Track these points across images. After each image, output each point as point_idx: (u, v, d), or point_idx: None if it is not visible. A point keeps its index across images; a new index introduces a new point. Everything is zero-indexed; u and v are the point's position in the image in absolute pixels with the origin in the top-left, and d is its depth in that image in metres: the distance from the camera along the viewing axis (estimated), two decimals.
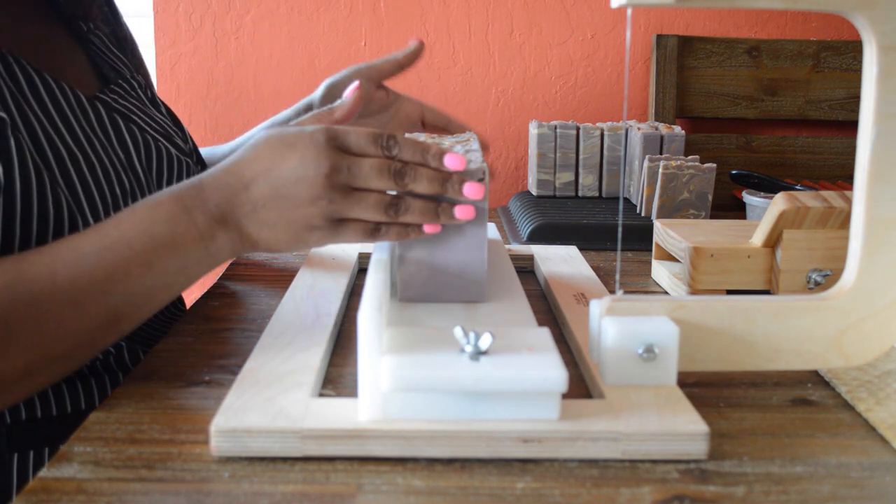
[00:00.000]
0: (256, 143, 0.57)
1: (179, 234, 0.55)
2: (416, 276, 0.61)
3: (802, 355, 0.52)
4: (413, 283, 0.61)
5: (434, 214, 0.57)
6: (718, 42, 1.41)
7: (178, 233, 0.55)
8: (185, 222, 0.56)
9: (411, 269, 0.61)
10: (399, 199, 0.57)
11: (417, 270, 0.61)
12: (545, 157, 1.20)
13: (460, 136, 0.74)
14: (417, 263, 0.61)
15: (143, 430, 0.48)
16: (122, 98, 0.74)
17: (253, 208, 0.56)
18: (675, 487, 0.43)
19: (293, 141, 0.56)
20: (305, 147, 0.55)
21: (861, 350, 0.52)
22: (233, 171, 0.57)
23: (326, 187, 0.55)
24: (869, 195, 0.49)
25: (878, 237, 0.50)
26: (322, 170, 0.54)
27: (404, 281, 0.61)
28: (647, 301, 0.52)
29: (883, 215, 0.50)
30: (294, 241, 0.57)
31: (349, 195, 0.56)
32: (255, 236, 0.57)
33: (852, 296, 0.51)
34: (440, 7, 1.43)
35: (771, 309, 0.52)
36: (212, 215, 0.56)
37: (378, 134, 0.57)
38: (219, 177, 0.57)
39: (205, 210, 0.56)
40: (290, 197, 0.55)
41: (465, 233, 0.60)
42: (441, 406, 0.46)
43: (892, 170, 0.49)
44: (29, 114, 0.61)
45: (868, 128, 0.48)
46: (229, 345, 0.63)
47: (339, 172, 0.55)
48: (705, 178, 1.03)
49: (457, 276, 0.61)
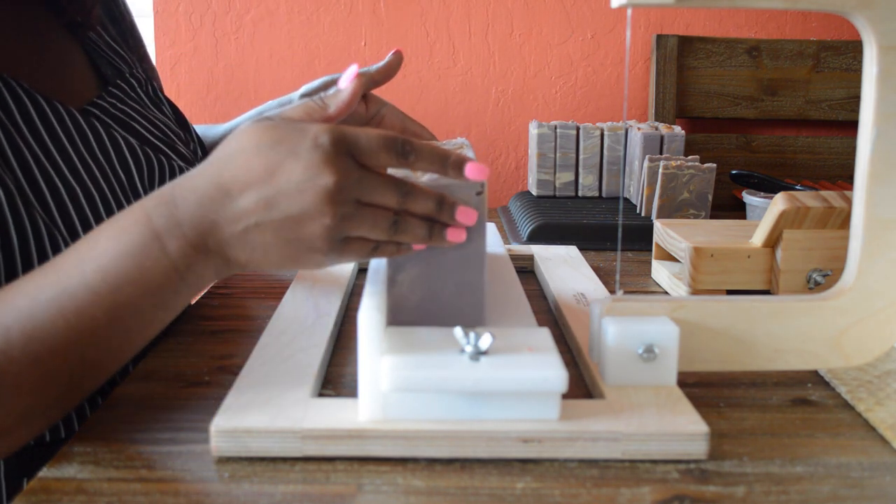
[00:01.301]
0: (245, 142, 0.47)
1: (148, 268, 0.47)
2: (408, 299, 0.54)
3: (802, 355, 0.52)
4: (404, 307, 0.54)
5: (428, 235, 0.50)
6: (718, 42, 1.41)
7: (146, 267, 0.47)
8: (154, 253, 0.47)
9: (403, 291, 0.54)
10: (401, 216, 0.49)
11: (410, 292, 0.54)
12: (545, 157, 1.20)
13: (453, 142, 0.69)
14: (410, 284, 0.54)
15: (143, 430, 0.48)
16: (121, 101, 0.72)
17: (241, 228, 0.47)
18: (675, 487, 0.43)
19: (292, 144, 0.46)
20: (308, 153, 0.46)
21: (861, 350, 0.52)
22: (215, 180, 0.47)
23: (333, 203, 0.46)
24: (869, 195, 0.49)
25: (878, 237, 0.50)
26: (330, 181, 0.45)
27: (395, 304, 0.54)
28: (647, 301, 0.52)
29: (883, 215, 0.50)
30: (290, 264, 0.49)
31: (357, 212, 0.47)
32: (243, 260, 0.48)
33: (852, 296, 0.51)
34: (440, 7, 1.43)
35: (771, 309, 0.52)
36: (188, 240, 0.47)
37: (392, 138, 0.48)
38: (197, 187, 0.47)
39: (179, 234, 0.47)
40: (289, 214, 0.46)
41: (463, 249, 0.54)
42: (441, 406, 0.46)
43: (893, 170, 0.49)
44: (17, 138, 0.59)
45: (868, 128, 0.48)
46: (229, 345, 0.63)
47: (349, 184, 0.46)
48: (705, 178, 1.03)
49: (453, 298, 0.54)
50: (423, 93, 1.45)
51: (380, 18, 1.43)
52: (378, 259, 0.55)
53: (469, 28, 1.43)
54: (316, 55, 1.44)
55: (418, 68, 1.45)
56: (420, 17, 1.43)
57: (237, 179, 0.47)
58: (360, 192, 0.47)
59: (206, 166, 0.48)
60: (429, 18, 1.43)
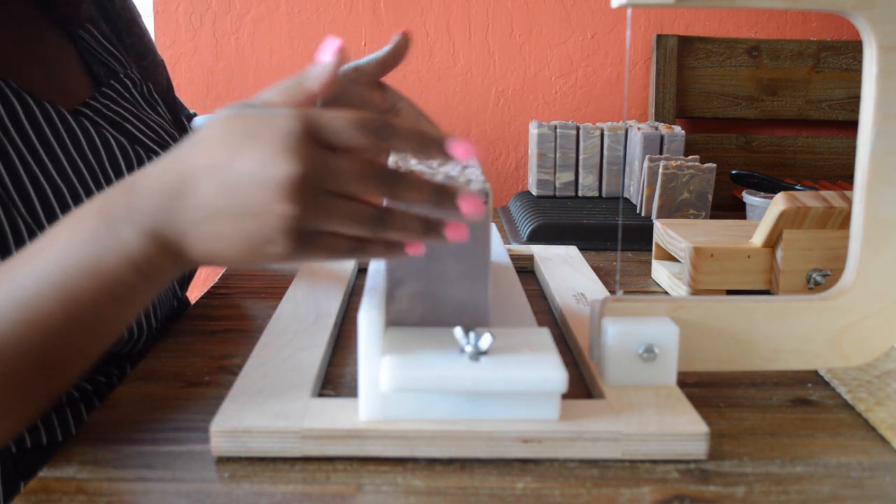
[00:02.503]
0: (211, 130, 0.44)
1: (101, 257, 0.44)
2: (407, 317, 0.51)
3: (802, 355, 0.52)
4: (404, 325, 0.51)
5: (422, 231, 0.45)
6: (718, 42, 1.41)
7: (99, 256, 0.44)
8: (107, 240, 0.44)
9: (402, 308, 0.51)
10: (387, 211, 0.44)
11: (410, 309, 0.51)
12: (545, 157, 1.20)
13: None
14: (409, 301, 0.51)
15: (143, 430, 0.48)
16: (115, 102, 0.71)
17: (198, 217, 0.44)
18: (675, 487, 0.43)
19: (256, 128, 0.42)
20: (272, 138, 0.42)
21: (861, 350, 0.52)
22: (176, 166, 0.44)
23: (296, 193, 0.41)
24: (869, 195, 0.49)
25: (878, 237, 0.50)
26: (292, 170, 0.41)
27: (393, 322, 0.51)
28: (647, 301, 0.51)
29: (883, 215, 0.50)
30: (248, 258, 0.45)
31: (325, 203, 0.42)
32: (201, 252, 0.45)
33: (852, 296, 0.51)
34: (440, 7, 1.43)
35: (771, 309, 0.52)
36: (141, 228, 0.44)
37: (367, 120, 0.43)
38: (158, 174, 0.45)
39: (133, 220, 0.44)
40: (247, 204, 0.42)
41: (466, 262, 0.50)
42: (441, 406, 0.46)
43: (893, 170, 0.49)
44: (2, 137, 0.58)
45: (868, 128, 0.48)
46: (229, 345, 0.63)
47: (314, 174, 0.42)
48: (705, 178, 1.03)
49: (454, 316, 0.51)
50: (423, 93, 1.45)
51: (380, 18, 1.43)
52: (378, 261, 0.54)
53: (469, 28, 1.43)
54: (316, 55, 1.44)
55: (418, 68, 1.45)
56: (420, 17, 1.43)
57: (196, 167, 0.44)
58: (329, 181, 0.42)
59: (172, 154, 0.45)
60: (429, 18, 1.43)
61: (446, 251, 0.50)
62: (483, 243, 0.50)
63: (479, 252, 0.50)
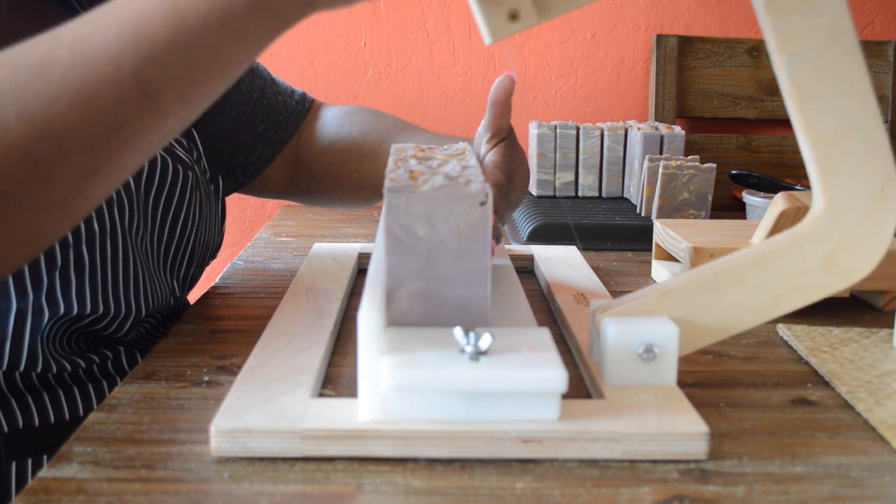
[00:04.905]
0: None
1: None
2: (406, 316, 0.51)
3: (802, 291, 0.51)
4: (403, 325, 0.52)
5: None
6: (718, 42, 1.41)
7: None
8: None
9: (401, 308, 0.51)
10: None
11: (409, 309, 0.51)
12: (545, 157, 1.20)
13: (454, 148, 0.66)
14: (409, 301, 0.51)
15: (143, 430, 0.48)
16: None
17: None
18: (675, 487, 0.43)
19: None
20: None
21: (857, 264, 0.50)
22: None
23: None
24: (803, 118, 0.49)
25: (828, 152, 0.49)
26: None
27: (393, 321, 0.52)
28: (636, 297, 0.51)
29: (823, 131, 0.49)
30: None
31: None
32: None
33: (828, 216, 0.50)
34: (440, 7, 1.43)
35: (754, 261, 0.51)
36: None
37: None
38: None
39: None
40: None
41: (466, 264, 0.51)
42: (441, 406, 0.46)
43: (814, 85, 0.48)
44: None
45: (777, 57, 0.48)
46: (229, 345, 0.63)
47: None
48: (705, 178, 1.03)
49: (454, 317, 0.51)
50: (423, 93, 1.45)
51: (380, 18, 1.43)
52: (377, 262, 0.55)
53: (469, 28, 1.43)
54: (316, 55, 1.44)
55: (418, 68, 1.45)
56: (420, 17, 1.43)
57: None
58: None
59: None
60: (429, 18, 1.43)
61: (446, 251, 0.50)
62: (483, 243, 0.51)
63: (479, 252, 0.50)
